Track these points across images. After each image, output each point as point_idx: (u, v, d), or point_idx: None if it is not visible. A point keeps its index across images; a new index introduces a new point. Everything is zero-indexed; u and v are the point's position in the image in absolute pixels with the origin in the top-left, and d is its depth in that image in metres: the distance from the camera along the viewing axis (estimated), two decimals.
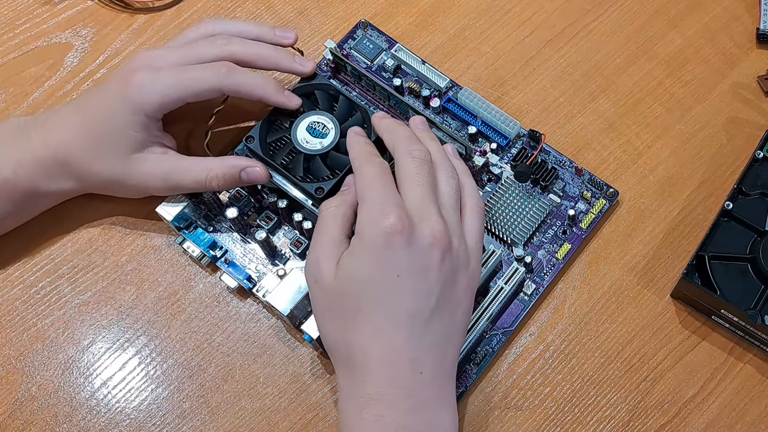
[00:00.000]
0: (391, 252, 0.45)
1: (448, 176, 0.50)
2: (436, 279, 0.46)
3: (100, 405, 0.53)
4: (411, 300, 0.46)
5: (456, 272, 0.47)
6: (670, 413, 0.52)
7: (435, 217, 0.47)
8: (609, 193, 0.58)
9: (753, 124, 0.61)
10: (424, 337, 0.46)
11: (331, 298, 0.47)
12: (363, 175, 0.49)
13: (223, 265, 0.55)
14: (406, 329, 0.45)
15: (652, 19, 0.65)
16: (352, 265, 0.46)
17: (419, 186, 0.48)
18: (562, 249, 0.56)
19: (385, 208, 0.46)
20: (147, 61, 0.53)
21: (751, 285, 0.53)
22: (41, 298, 0.55)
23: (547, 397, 0.53)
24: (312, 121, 0.54)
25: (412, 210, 0.47)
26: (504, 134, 0.59)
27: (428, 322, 0.46)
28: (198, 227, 0.56)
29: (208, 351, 0.54)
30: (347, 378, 0.46)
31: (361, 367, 0.45)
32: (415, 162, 0.49)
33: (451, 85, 0.61)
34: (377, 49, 0.63)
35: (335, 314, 0.47)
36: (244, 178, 0.53)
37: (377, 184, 0.48)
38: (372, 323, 0.45)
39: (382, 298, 0.46)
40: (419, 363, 0.45)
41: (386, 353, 0.45)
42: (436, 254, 0.46)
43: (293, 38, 0.57)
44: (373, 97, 0.61)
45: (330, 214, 0.49)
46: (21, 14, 0.65)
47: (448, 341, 0.47)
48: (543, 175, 0.58)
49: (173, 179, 0.53)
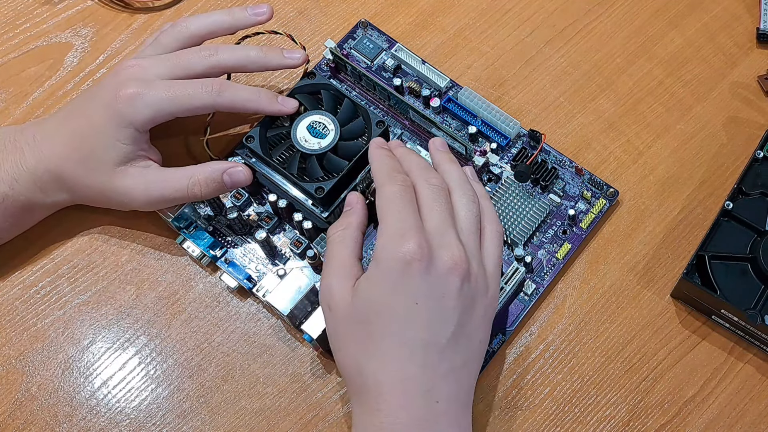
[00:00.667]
0: (408, 279, 0.45)
1: (468, 200, 0.49)
2: (453, 306, 0.45)
3: (100, 405, 0.53)
4: (427, 328, 0.45)
5: (474, 299, 0.47)
6: (670, 413, 0.52)
7: (454, 243, 0.46)
8: (609, 193, 0.58)
9: (753, 123, 0.61)
10: (440, 366, 0.45)
11: (345, 324, 0.46)
12: (384, 195, 0.48)
13: (223, 264, 0.55)
14: (422, 357, 0.45)
15: (652, 18, 0.65)
16: (368, 290, 0.46)
17: (438, 211, 0.47)
18: (562, 249, 0.56)
19: (405, 233, 0.45)
20: (136, 73, 0.52)
21: (751, 285, 0.53)
22: (41, 298, 0.55)
23: (547, 397, 0.53)
24: (313, 121, 0.54)
25: (432, 234, 0.46)
26: (504, 134, 0.59)
27: (444, 350, 0.45)
28: (198, 227, 0.56)
29: (208, 351, 0.54)
30: (360, 405, 0.46)
31: (374, 395, 0.45)
32: (433, 189, 0.48)
33: (451, 84, 0.61)
34: (377, 49, 0.63)
35: (350, 340, 0.46)
36: (226, 180, 0.52)
37: (398, 206, 0.47)
38: (386, 350, 0.45)
39: (398, 325, 0.45)
40: (434, 392, 0.45)
41: (400, 382, 0.44)
42: (455, 281, 0.45)
43: (268, 11, 0.56)
44: (373, 97, 0.61)
45: (338, 238, 0.48)
46: (21, 14, 0.65)
47: (465, 370, 0.46)
48: (543, 175, 0.58)
49: (154, 191, 0.52)
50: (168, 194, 0.52)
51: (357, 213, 0.50)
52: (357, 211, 0.50)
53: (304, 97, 0.55)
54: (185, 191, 0.52)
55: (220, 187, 0.53)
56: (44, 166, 0.52)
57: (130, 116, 0.51)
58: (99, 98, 0.52)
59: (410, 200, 0.47)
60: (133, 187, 0.52)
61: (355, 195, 0.51)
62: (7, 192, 0.52)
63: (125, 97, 0.51)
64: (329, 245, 0.49)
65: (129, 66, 0.53)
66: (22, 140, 0.53)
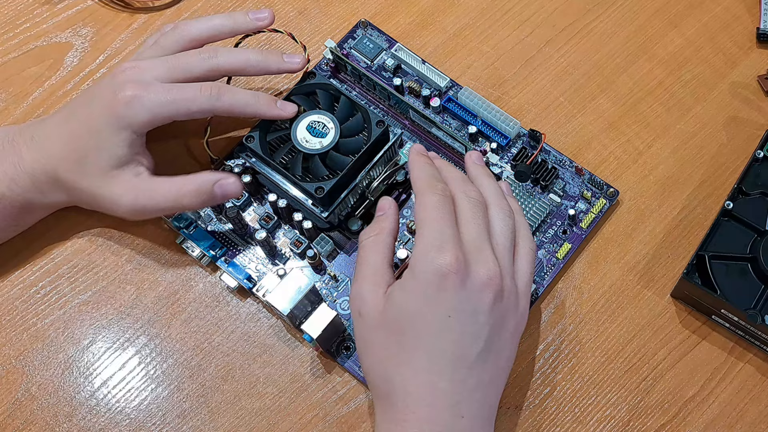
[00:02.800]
0: (443, 292, 0.45)
1: (505, 215, 0.49)
2: (485, 322, 0.45)
3: (100, 405, 0.53)
4: (458, 342, 0.45)
5: (505, 316, 0.47)
6: (670, 413, 0.52)
7: (490, 258, 0.46)
8: (609, 193, 0.58)
9: (753, 123, 0.61)
10: (468, 381, 0.45)
11: (376, 331, 0.46)
12: (424, 205, 0.47)
13: (223, 264, 0.55)
14: (451, 371, 0.45)
15: (652, 18, 0.65)
16: (402, 299, 0.46)
17: (475, 225, 0.47)
18: (562, 249, 0.56)
19: (443, 245, 0.45)
20: (134, 75, 0.52)
21: (751, 285, 0.53)
22: (41, 297, 0.55)
23: (547, 397, 0.53)
24: (312, 121, 0.54)
25: (468, 248, 0.46)
26: (504, 134, 0.59)
27: (473, 365, 0.45)
28: (198, 227, 0.56)
29: (208, 351, 0.54)
30: (385, 414, 0.46)
31: (400, 405, 0.45)
32: (472, 202, 0.48)
33: (451, 84, 0.61)
34: (377, 49, 0.63)
35: (379, 348, 0.46)
36: (217, 192, 0.52)
37: (437, 216, 0.47)
38: (416, 362, 0.45)
39: (429, 337, 0.45)
40: (461, 407, 0.45)
41: (428, 394, 0.44)
42: (488, 297, 0.45)
43: (269, 16, 0.55)
44: (373, 96, 0.61)
45: (370, 244, 0.48)
46: (21, 14, 0.65)
47: (491, 386, 0.47)
48: (543, 175, 0.58)
49: (141, 201, 0.51)
50: (156, 205, 0.52)
51: (389, 219, 0.50)
52: (389, 216, 0.50)
53: (302, 98, 0.55)
54: (173, 203, 0.52)
55: (210, 198, 0.52)
56: (42, 167, 0.52)
57: (128, 119, 0.51)
58: (97, 100, 0.52)
59: (449, 211, 0.47)
60: (121, 194, 0.51)
61: (388, 200, 0.51)
62: (5, 192, 0.52)
63: (123, 99, 0.50)
64: (361, 251, 0.49)
65: (127, 68, 0.52)
66: (21, 141, 0.53)
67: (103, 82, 0.53)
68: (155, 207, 0.52)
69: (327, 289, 0.55)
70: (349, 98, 0.55)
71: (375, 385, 0.47)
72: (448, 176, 0.50)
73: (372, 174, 0.55)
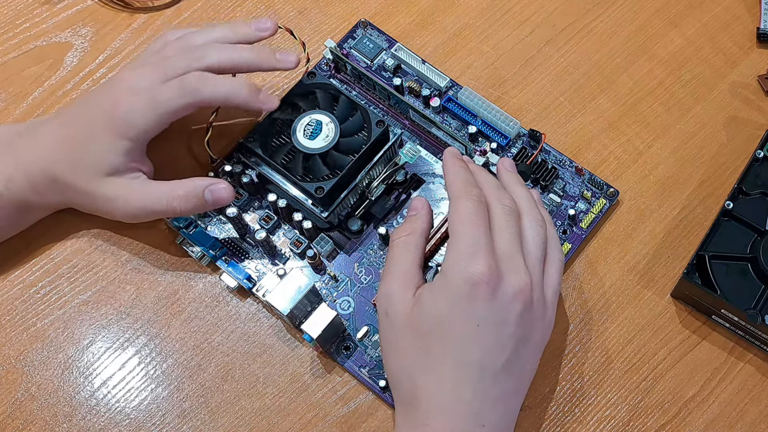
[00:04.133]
0: (473, 301, 0.45)
1: (537, 225, 0.49)
2: (513, 333, 0.45)
3: (99, 405, 0.53)
4: (485, 351, 0.45)
5: (533, 327, 0.47)
6: (670, 413, 0.52)
7: (522, 269, 0.46)
8: (609, 193, 0.58)
9: (753, 123, 0.61)
10: (491, 391, 0.45)
11: (403, 333, 0.46)
12: (458, 211, 0.47)
13: (222, 264, 0.55)
14: (475, 381, 0.45)
15: (652, 18, 0.65)
16: (431, 304, 0.46)
17: (509, 234, 0.47)
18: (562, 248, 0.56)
19: (476, 253, 0.45)
20: (130, 83, 0.52)
21: (751, 285, 0.53)
22: (41, 297, 0.55)
23: (547, 396, 0.53)
24: (312, 120, 0.54)
25: (501, 257, 0.46)
26: (504, 134, 0.59)
27: (498, 375, 0.45)
28: (198, 227, 0.56)
29: (208, 351, 0.54)
30: (406, 418, 0.46)
31: (423, 410, 0.45)
32: (506, 210, 0.48)
33: (451, 84, 0.61)
34: (377, 49, 0.63)
35: (405, 351, 0.46)
36: (208, 197, 0.52)
37: (471, 222, 0.47)
38: (441, 368, 0.45)
39: (457, 343, 0.45)
40: (483, 416, 0.45)
41: (451, 402, 0.44)
42: (518, 308, 0.46)
43: (272, 27, 0.55)
44: (373, 96, 0.61)
45: (402, 243, 0.48)
46: (21, 14, 0.65)
47: (514, 396, 0.47)
48: (543, 175, 0.58)
49: (134, 204, 0.52)
50: (148, 208, 0.52)
51: (422, 219, 0.49)
52: (422, 217, 0.50)
53: (302, 98, 0.55)
54: (164, 206, 0.52)
55: (201, 203, 0.52)
56: (39, 167, 0.52)
57: (124, 128, 0.51)
58: (95, 107, 0.52)
59: (484, 218, 0.47)
60: (115, 197, 0.52)
61: (422, 200, 0.51)
62: (2, 191, 0.52)
63: (120, 110, 0.51)
64: (392, 250, 0.49)
65: (126, 77, 0.53)
66: (19, 141, 0.53)
67: (101, 89, 0.54)
68: (148, 210, 0.52)
69: (327, 289, 0.55)
70: (349, 98, 0.55)
71: (398, 388, 0.47)
72: (482, 181, 0.50)
73: (372, 174, 0.55)
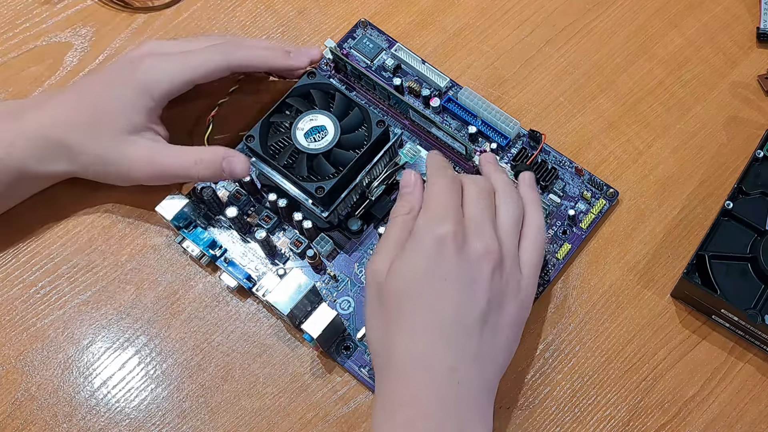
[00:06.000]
0: (441, 256, 0.46)
1: (512, 202, 0.51)
2: (483, 293, 0.46)
3: (99, 405, 0.53)
4: (456, 307, 0.46)
5: (504, 295, 0.47)
6: (670, 413, 0.52)
7: (489, 234, 0.48)
8: (609, 194, 0.58)
9: (753, 123, 0.61)
10: (466, 349, 0.45)
11: (379, 298, 0.47)
12: (432, 185, 0.50)
13: (222, 264, 0.55)
14: (449, 336, 0.45)
15: (652, 18, 0.65)
16: (401, 265, 0.47)
17: (479, 205, 0.49)
18: (562, 249, 0.56)
19: (445, 216, 0.47)
20: (154, 48, 0.54)
21: (751, 285, 0.53)
22: (41, 297, 0.55)
23: (547, 396, 0.53)
24: (311, 120, 0.54)
25: (469, 223, 0.48)
26: (504, 134, 0.59)
27: (471, 333, 0.46)
28: (197, 226, 0.56)
29: (208, 351, 0.54)
30: (384, 381, 0.46)
31: (399, 369, 0.45)
32: (479, 187, 0.50)
33: (451, 84, 0.61)
34: (377, 49, 0.63)
35: (381, 314, 0.47)
36: (225, 167, 0.53)
37: (443, 194, 0.49)
38: (415, 325, 0.45)
39: (427, 299, 0.46)
40: (458, 373, 0.45)
41: (426, 357, 0.45)
42: (486, 269, 0.46)
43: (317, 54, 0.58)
44: (373, 96, 0.61)
45: (401, 221, 0.50)
46: (20, 14, 0.65)
47: (489, 360, 0.47)
48: (543, 175, 0.58)
49: (159, 163, 0.53)
50: (172, 169, 0.53)
51: (417, 197, 0.51)
52: (416, 194, 0.51)
53: (302, 98, 0.55)
54: (188, 170, 0.53)
55: (219, 172, 0.53)
56: (45, 134, 0.52)
57: (148, 85, 0.52)
58: (116, 70, 0.54)
59: (456, 191, 0.49)
60: (138, 157, 0.52)
61: (412, 173, 0.52)
62: (2, 157, 0.52)
63: (143, 67, 0.52)
64: (391, 225, 0.50)
65: (148, 43, 0.55)
66: (26, 108, 0.53)
67: (121, 58, 0.55)
68: (170, 171, 0.53)
69: (327, 289, 0.55)
70: (349, 98, 0.55)
71: (377, 353, 0.47)
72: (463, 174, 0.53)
73: (372, 174, 0.55)
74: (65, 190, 0.57)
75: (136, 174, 0.53)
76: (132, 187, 0.56)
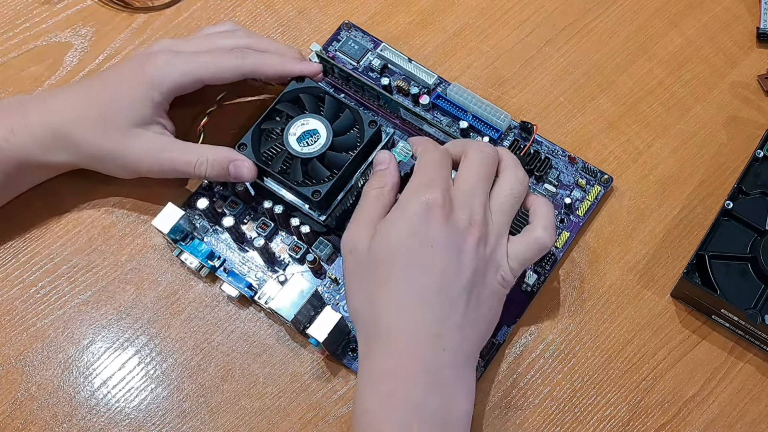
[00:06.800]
0: (427, 223, 0.46)
1: (516, 180, 0.49)
2: (468, 262, 0.46)
3: (99, 405, 0.53)
4: (441, 275, 0.46)
5: (487, 268, 0.47)
6: (670, 413, 0.52)
7: (478, 207, 0.47)
8: (604, 180, 0.58)
9: (753, 123, 0.61)
10: (451, 316, 0.46)
11: (363, 265, 0.47)
12: (423, 157, 0.50)
13: (222, 274, 0.55)
14: (433, 304, 0.45)
15: (652, 18, 0.65)
16: (387, 231, 0.47)
17: (475, 176, 0.48)
18: (560, 238, 0.56)
19: (432, 183, 0.47)
20: (167, 46, 0.55)
21: (751, 284, 0.53)
22: (41, 297, 0.55)
23: (547, 396, 0.53)
24: (302, 124, 0.54)
25: (458, 193, 0.47)
26: (495, 127, 0.59)
27: (456, 301, 0.46)
28: (194, 238, 0.55)
29: (208, 351, 0.54)
30: (367, 351, 0.46)
31: (383, 337, 0.45)
32: (483, 155, 0.49)
33: (439, 81, 0.61)
34: (362, 50, 0.62)
35: (365, 282, 0.47)
36: (231, 171, 0.53)
37: (433, 165, 0.49)
38: (399, 292, 0.46)
39: (414, 266, 0.46)
40: (442, 340, 0.45)
41: (410, 325, 0.45)
42: (471, 240, 0.46)
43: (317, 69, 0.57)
44: (363, 98, 0.60)
45: (374, 194, 0.50)
46: (20, 14, 0.65)
47: (473, 328, 0.47)
48: (537, 165, 0.58)
49: (166, 157, 0.53)
50: (177, 163, 0.53)
51: (391, 174, 0.51)
52: (391, 171, 0.51)
53: (292, 103, 0.55)
54: (193, 166, 0.53)
55: (224, 173, 0.53)
56: (48, 124, 0.52)
57: (158, 79, 0.52)
58: (129, 64, 0.54)
59: (446, 165, 0.49)
60: (144, 150, 0.53)
61: (388, 153, 0.52)
62: (2, 144, 0.52)
63: (155, 62, 0.53)
64: (363, 199, 0.50)
65: (162, 42, 0.56)
66: (31, 101, 0.54)
67: (133, 56, 0.56)
68: (175, 166, 0.53)
69: (329, 293, 0.55)
70: (339, 100, 0.55)
71: (361, 322, 0.47)
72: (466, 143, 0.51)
73: (367, 174, 0.55)
74: (66, 187, 0.57)
75: (141, 166, 0.53)
76: (133, 185, 0.56)
